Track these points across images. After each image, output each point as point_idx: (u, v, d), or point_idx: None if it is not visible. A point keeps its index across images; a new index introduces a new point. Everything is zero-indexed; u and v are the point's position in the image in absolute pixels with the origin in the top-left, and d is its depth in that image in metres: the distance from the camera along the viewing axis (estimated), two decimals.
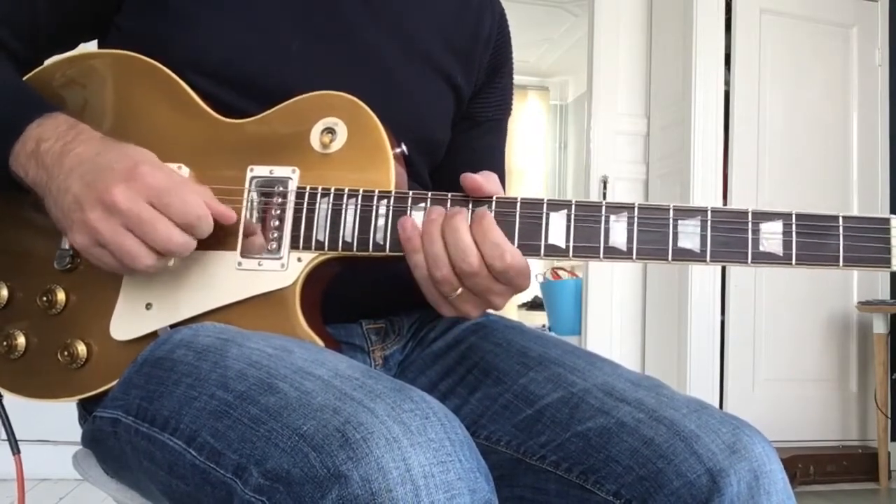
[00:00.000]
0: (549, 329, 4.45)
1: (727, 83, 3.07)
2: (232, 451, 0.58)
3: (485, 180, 0.71)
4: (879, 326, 2.98)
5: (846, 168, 3.24)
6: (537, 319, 5.05)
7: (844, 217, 0.68)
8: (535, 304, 5.53)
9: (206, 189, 0.72)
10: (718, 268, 3.01)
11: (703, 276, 2.97)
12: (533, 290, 5.30)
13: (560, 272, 4.60)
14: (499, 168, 1.04)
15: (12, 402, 0.77)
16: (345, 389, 0.58)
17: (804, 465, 2.89)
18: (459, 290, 0.69)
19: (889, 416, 2.99)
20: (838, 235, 0.67)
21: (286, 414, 0.57)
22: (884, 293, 3.24)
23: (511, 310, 5.58)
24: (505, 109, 1.04)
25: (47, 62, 0.83)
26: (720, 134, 3.03)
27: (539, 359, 0.82)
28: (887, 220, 0.67)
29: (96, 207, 0.66)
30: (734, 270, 3.03)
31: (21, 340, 0.76)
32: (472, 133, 1.00)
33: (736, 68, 3.07)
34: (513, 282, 0.70)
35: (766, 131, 3.10)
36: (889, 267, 0.67)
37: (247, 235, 0.74)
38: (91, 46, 0.86)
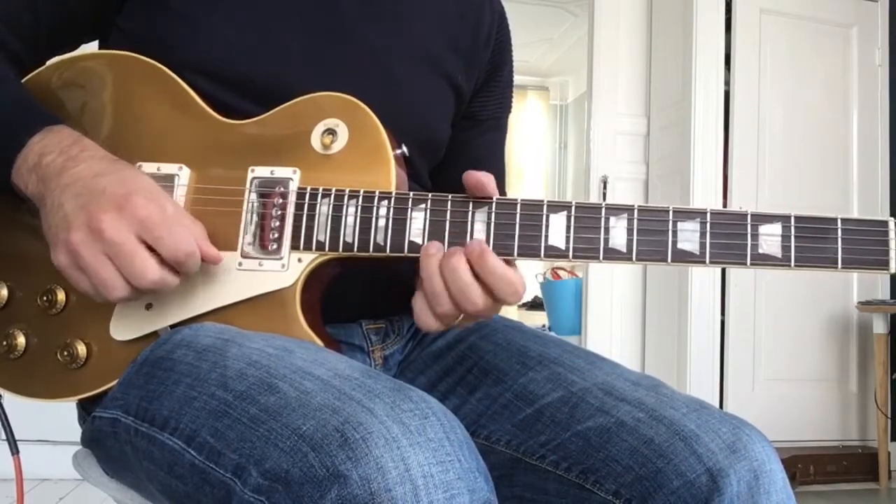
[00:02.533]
0: (550, 329, 4.45)
1: (727, 83, 3.07)
2: (231, 451, 0.58)
3: (487, 179, 0.71)
4: (879, 326, 2.98)
5: (846, 168, 3.24)
6: (537, 319, 5.05)
7: (843, 219, 0.68)
8: (535, 304, 5.53)
9: (199, 226, 0.71)
10: (718, 268, 3.01)
11: (703, 277, 2.97)
12: (533, 290, 5.30)
13: (560, 272, 4.60)
14: (499, 165, 1.04)
15: (12, 402, 0.77)
16: (344, 389, 0.58)
17: (804, 465, 2.89)
18: (460, 318, 0.70)
19: (889, 416, 2.99)
20: (837, 238, 0.68)
21: (286, 414, 0.57)
22: (884, 293, 3.24)
23: (511, 310, 5.57)
24: (505, 107, 1.04)
25: (48, 63, 0.83)
26: (720, 134, 3.03)
27: (539, 358, 0.82)
28: (885, 223, 0.67)
29: (81, 230, 0.65)
30: (734, 271, 3.03)
31: (21, 340, 0.76)
32: (473, 132, 1.00)
33: (736, 68, 3.07)
34: (513, 301, 0.71)
35: (766, 131, 3.10)
36: (887, 270, 0.67)
37: (246, 241, 0.74)
38: (92, 47, 0.85)
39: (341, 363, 0.63)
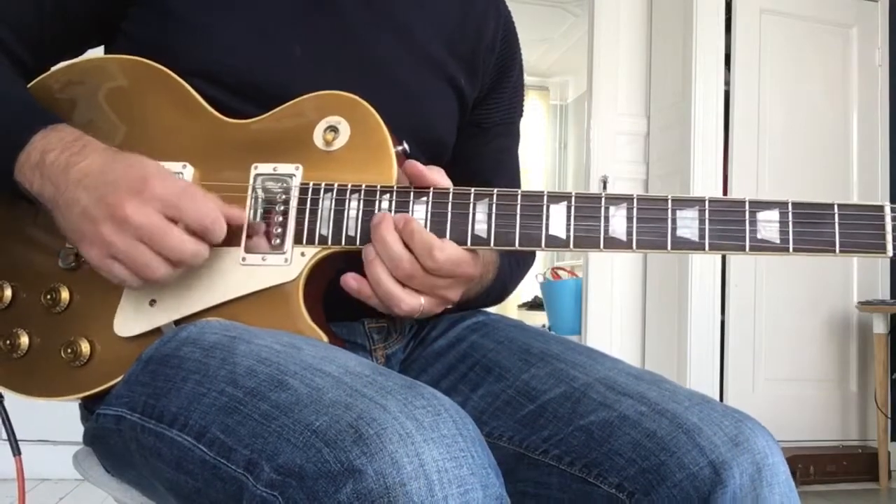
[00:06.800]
0: (550, 329, 4.45)
1: (727, 83, 3.07)
2: (243, 447, 0.58)
3: (428, 169, 0.74)
4: (879, 326, 2.98)
5: (846, 168, 3.24)
6: (537, 319, 5.04)
7: (840, 205, 0.69)
8: (535, 304, 5.52)
9: (213, 195, 0.72)
10: (719, 268, 3.01)
11: (704, 276, 2.97)
12: (533, 290, 5.30)
13: (560, 272, 4.59)
14: (511, 169, 1.04)
15: (12, 401, 0.77)
16: (356, 386, 0.58)
17: (804, 465, 2.89)
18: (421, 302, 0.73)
19: (889, 416, 2.99)
20: (834, 223, 0.68)
21: (297, 410, 0.57)
22: (884, 293, 3.24)
23: (511, 309, 5.57)
24: (515, 112, 1.03)
25: (53, 68, 0.83)
26: (720, 134, 3.03)
27: (540, 355, 0.83)
28: (881, 208, 0.68)
29: (108, 222, 0.67)
30: (734, 270, 3.03)
31: (24, 340, 0.76)
32: (482, 139, 1.00)
33: (736, 68, 3.07)
34: (454, 273, 0.71)
35: (766, 131, 3.10)
36: (885, 253, 0.67)
37: (250, 236, 0.74)
38: (98, 52, 0.86)
39: (351, 360, 0.64)
